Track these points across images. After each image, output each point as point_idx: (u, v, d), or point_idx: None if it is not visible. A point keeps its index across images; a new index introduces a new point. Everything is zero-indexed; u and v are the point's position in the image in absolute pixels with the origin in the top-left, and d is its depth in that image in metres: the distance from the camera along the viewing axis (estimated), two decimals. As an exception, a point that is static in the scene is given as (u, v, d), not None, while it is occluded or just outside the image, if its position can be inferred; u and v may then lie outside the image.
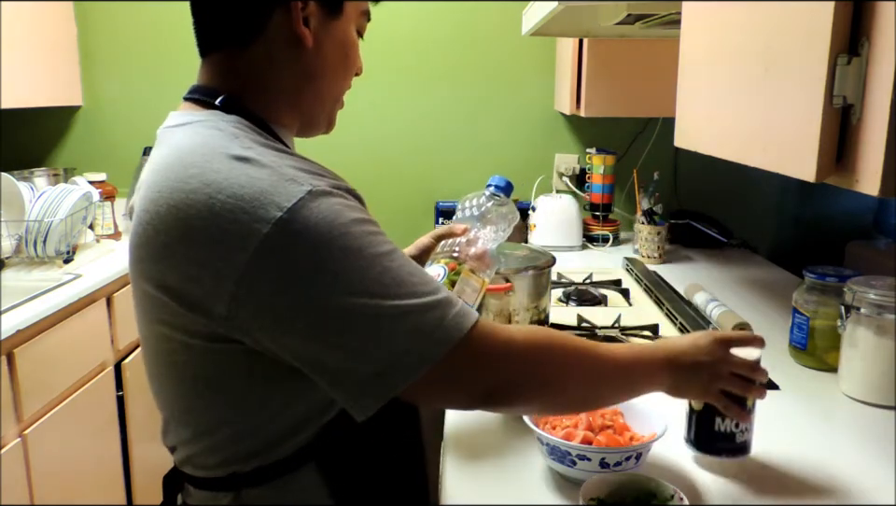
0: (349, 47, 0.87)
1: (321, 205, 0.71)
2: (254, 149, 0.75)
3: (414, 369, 0.71)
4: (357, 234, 0.72)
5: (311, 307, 0.70)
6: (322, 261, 0.70)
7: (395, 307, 0.71)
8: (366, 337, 0.71)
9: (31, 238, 1.96)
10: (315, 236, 0.69)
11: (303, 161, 0.79)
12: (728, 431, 0.93)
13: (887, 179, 0.61)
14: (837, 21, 0.66)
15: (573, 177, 2.50)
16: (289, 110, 0.87)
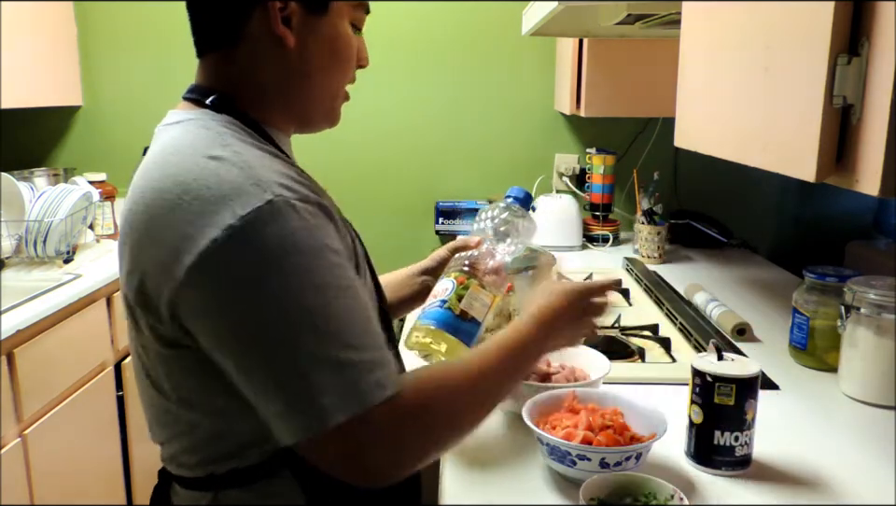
0: (339, 42, 0.85)
1: (278, 220, 0.69)
2: (232, 147, 0.75)
3: (306, 428, 0.68)
4: (306, 263, 0.69)
5: (237, 324, 0.69)
6: (259, 280, 0.68)
7: (313, 354, 0.68)
8: (275, 374, 0.69)
9: (31, 238, 1.96)
10: (261, 252, 0.68)
11: (284, 164, 0.78)
12: (728, 445, 0.93)
13: (887, 179, 0.61)
14: (837, 21, 0.66)
15: (573, 177, 2.50)
16: (281, 109, 0.86)
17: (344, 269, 0.73)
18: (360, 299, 0.74)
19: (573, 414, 0.99)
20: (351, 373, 0.69)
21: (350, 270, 0.75)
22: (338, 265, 0.73)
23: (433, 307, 0.99)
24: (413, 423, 0.74)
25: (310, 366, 0.68)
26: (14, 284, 1.86)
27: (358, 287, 0.75)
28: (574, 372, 1.15)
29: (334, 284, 0.71)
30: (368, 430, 0.70)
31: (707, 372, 0.94)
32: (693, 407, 0.96)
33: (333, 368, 0.68)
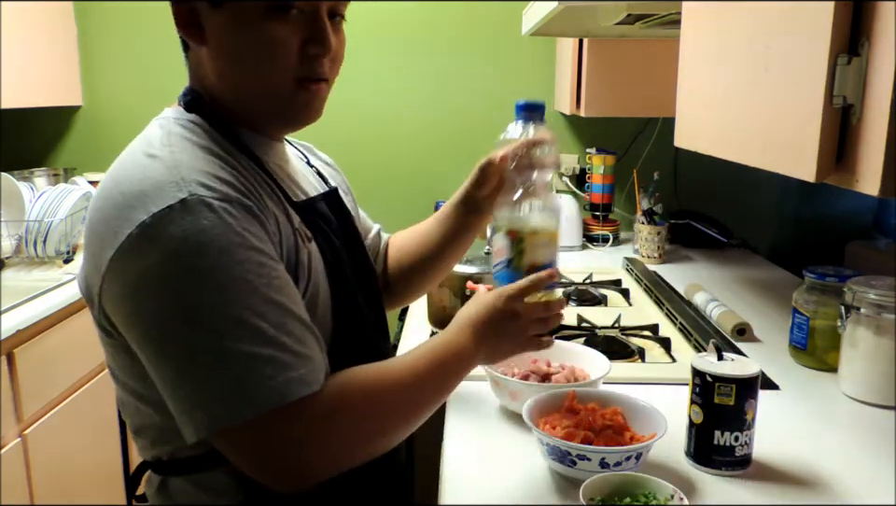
0: (250, 30, 0.78)
1: (187, 218, 0.69)
2: (173, 147, 0.76)
3: (217, 419, 0.69)
4: (214, 259, 0.69)
5: (144, 319, 0.71)
6: (165, 277, 0.69)
7: (214, 351, 0.68)
8: (175, 370, 0.70)
9: (31, 238, 1.96)
10: (167, 248, 0.69)
11: (225, 165, 0.77)
12: (728, 445, 0.94)
13: (887, 179, 0.61)
14: (837, 21, 0.66)
15: (573, 177, 2.50)
16: (235, 107, 0.84)
17: (263, 266, 0.73)
18: (281, 295, 0.73)
19: (573, 414, 0.99)
20: (256, 370, 0.69)
21: (277, 265, 0.75)
22: (255, 262, 0.72)
23: (500, 268, 0.98)
24: (329, 426, 0.73)
25: (208, 363, 0.69)
26: (14, 284, 1.86)
27: (288, 281, 0.75)
28: (574, 372, 1.15)
29: (247, 280, 0.71)
30: (276, 430, 0.70)
31: (707, 372, 0.94)
32: (692, 407, 0.96)
33: (234, 365, 0.69)
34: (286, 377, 0.70)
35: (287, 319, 0.73)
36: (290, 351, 0.71)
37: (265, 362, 0.70)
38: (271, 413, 0.69)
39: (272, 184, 0.84)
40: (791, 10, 0.75)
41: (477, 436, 1.06)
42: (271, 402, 0.69)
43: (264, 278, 0.72)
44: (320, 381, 0.73)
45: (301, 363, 0.72)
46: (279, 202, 0.83)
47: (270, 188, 0.83)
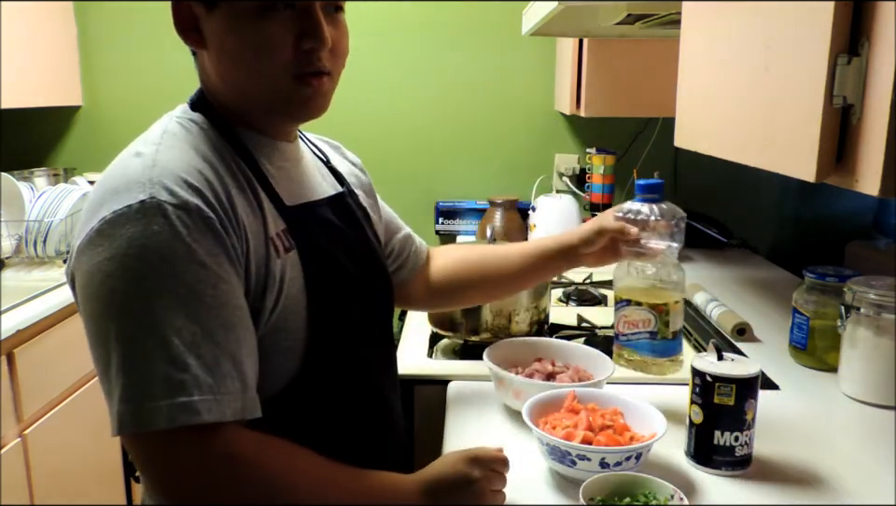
0: (242, 30, 0.79)
1: (140, 221, 0.71)
2: (159, 145, 0.78)
3: (116, 425, 0.71)
4: (151, 266, 0.71)
5: (86, 310, 0.74)
6: (107, 273, 0.71)
7: (132, 357, 0.70)
8: (102, 366, 0.73)
9: (31, 238, 1.96)
10: (116, 247, 0.71)
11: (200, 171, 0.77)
12: (728, 445, 0.94)
13: (887, 179, 0.61)
14: (837, 21, 0.66)
15: (573, 177, 2.50)
16: (238, 107, 0.85)
17: (199, 282, 0.72)
18: (214, 315, 0.72)
19: (573, 414, 0.99)
20: (150, 385, 0.69)
21: (221, 284, 0.73)
22: (193, 277, 0.72)
23: (642, 339, 1.06)
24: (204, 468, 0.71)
25: (122, 368, 0.70)
26: (14, 284, 1.86)
27: (224, 304, 0.73)
28: (578, 372, 1.15)
29: (177, 293, 0.71)
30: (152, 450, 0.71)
31: (707, 372, 0.94)
32: (692, 407, 0.96)
33: (135, 374, 0.70)
34: (173, 401, 0.69)
35: (202, 342, 0.71)
36: (191, 374, 0.70)
37: (160, 380, 0.69)
38: (151, 433, 0.69)
39: (257, 188, 0.83)
40: (791, 10, 0.75)
41: (477, 436, 1.06)
42: (151, 423, 0.69)
43: (195, 294, 0.72)
44: (216, 412, 0.71)
45: (197, 390, 0.70)
46: (257, 209, 0.81)
47: (254, 192, 0.82)
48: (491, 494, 0.85)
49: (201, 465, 0.71)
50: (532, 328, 1.37)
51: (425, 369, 1.30)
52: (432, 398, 1.26)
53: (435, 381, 1.27)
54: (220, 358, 0.72)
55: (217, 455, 0.71)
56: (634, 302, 1.06)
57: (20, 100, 2.22)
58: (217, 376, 0.71)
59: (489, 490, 0.84)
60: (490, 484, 0.84)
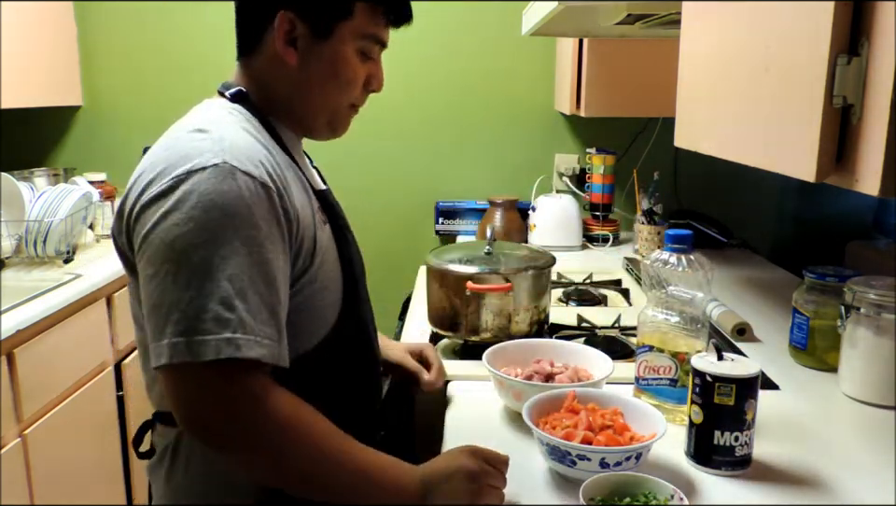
0: (339, 66, 0.95)
1: (213, 179, 0.80)
2: (219, 125, 0.87)
3: (156, 356, 0.78)
4: (218, 219, 0.79)
5: (149, 251, 0.80)
6: (175, 221, 0.79)
7: (191, 296, 0.77)
8: (153, 302, 0.79)
9: (31, 238, 1.96)
10: (187, 197, 0.79)
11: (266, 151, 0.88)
12: (728, 445, 0.94)
13: (887, 179, 0.61)
14: (837, 21, 0.66)
15: (573, 177, 2.50)
16: (286, 114, 0.98)
17: (253, 240, 0.81)
18: (259, 270, 0.81)
19: (573, 414, 0.99)
20: (208, 324, 0.77)
21: (268, 244, 0.82)
22: (247, 235, 0.80)
23: (663, 385, 1.08)
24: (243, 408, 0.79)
25: (177, 304, 0.77)
26: (14, 284, 1.86)
27: (268, 261, 0.82)
28: (577, 373, 1.15)
29: (233, 245, 0.79)
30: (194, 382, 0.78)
31: (707, 372, 0.94)
32: (692, 407, 0.96)
33: (194, 313, 0.77)
34: (221, 336, 0.77)
35: (247, 290, 0.79)
36: (237, 315, 0.78)
37: (211, 318, 0.77)
38: (196, 364, 0.77)
39: (298, 171, 0.95)
40: (790, 10, 0.75)
41: (477, 436, 1.06)
42: (200, 354, 0.76)
43: (245, 249, 0.80)
44: (256, 350, 0.78)
45: (240, 328, 0.78)
46: (303, 188, 0.94)
47: (295, 173, 0.94)
48: (488, 489, 0.86)
49: (232, 398, 0.78)
50: (532, 328, 1.37)
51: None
52: (432, 398, 1.25)
53: (435, 381, 1.26)
54: (262, 306, 0.81)
55: (249, 392, 0.79)
56: (656, 348, 1.08)
57: (20, 100, 2.22)
58: (258, 322, 0.80)
59: (486, 484, 0.86)
60: (487, 477, 0.86)
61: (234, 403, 0.79)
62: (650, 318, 1.10)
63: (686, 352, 1.05)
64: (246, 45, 0.97)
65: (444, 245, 1.50)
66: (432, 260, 1.39)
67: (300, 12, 0.91)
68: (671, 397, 1.07)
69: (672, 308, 1.08)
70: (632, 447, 0.90)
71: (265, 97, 0.97)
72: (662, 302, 1.09)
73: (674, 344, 1.07)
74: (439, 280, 1.37)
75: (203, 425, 0.80)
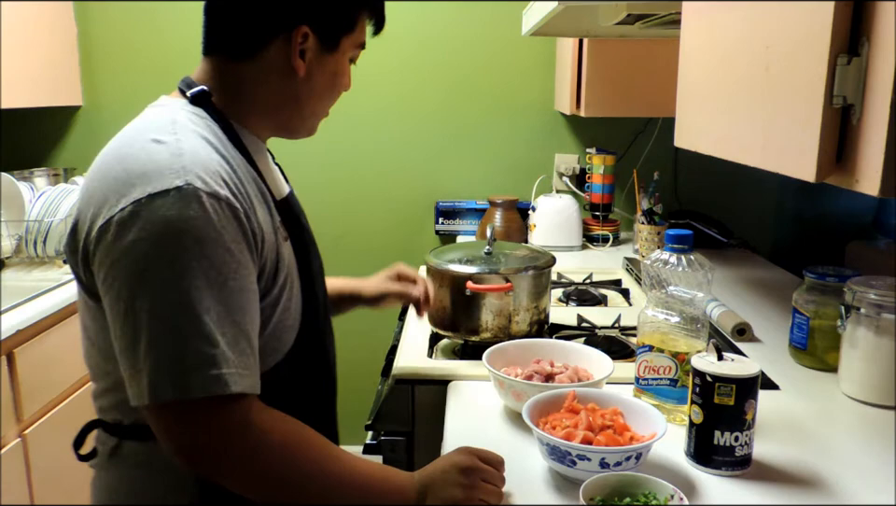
0: (340, 76, 0.96)
1: (178, 205, 0.76)
2: (179, 135, 0.82)
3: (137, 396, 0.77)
4: (189, 247, 0.76)
5: (117, 287, 0.77)
6: (143, 253, 0.76)
7: (162, 332, 0.75)
8: (128, 340, 0.77)
9: (31, 238, 1.96)
10: (154, 228, 0.76)
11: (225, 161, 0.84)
12: (728, 445, 0.94)
13: (887, 179, 0.61)
14: (837, 21, 0.66)
15: (573, 177, 2.50)
16: (264, 121, 0.95)
17: (226, 265, 0.78)
18: (234, 298, 0.79)
19: (573, 414, 0.99)
20: (192, 361, 0.75)
21: (241, 270, 0.80)
22: (221, 261, 0.78)
23: (662, 385, 1.08)
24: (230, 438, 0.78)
25: (156, 342, 0.75)
26: (14, 284, 1.86)
27: (242, 288, 0.80)
28: (577, 372, 1.15)
29: (207, 275, 0.77)
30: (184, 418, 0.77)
31: (707, 372, 0.94)
32: (692, 407, 0.96)
33: (168, 347, 0.75)
34: (207, 372, 0.76)
35: (226, 321, 0.78)
36: (220, 350, 0.77)
37: (193, 353, 0.75)
38: (183, 402, 0.76)
39: (259, 182, 0.90)
40: (791, 10, 0.75)
41: (477, 436, 1.06)
42: (187, 391, 0.75)
43: (222, 277, 0.78)
44: (241, 384, 0.78)
45: (224, 364, 0.77)
46: (264, 201, 0.89)
47: (258, 186, 0.89)
48: (482, 484, 0.87)
49: (225, 431, 0.78)
50: (532, 328, 1.37)
51: (425, 369, 1.30)
52: (432, 398, 1.26)
53: (435, 381, 1.27)
54: (239, 337, 0.79)
55: (239, 422, 0.79)
56: (656, 348, 1.08)
57: (20, 100, 2.22)
58: (238, 353, 0.79)
59: (480, 479, 0.87)
60: (482, 473, 0.87)
61: (228, 435, 0.78)
62: (650, 318, 1.09)
63: (686, 352, 1.05)
64: (241, 50, 0.91)
65: (444, 245, 1.50)
66: (432, 259, 1.39)
67: (313, 26, 0.90)
68: (671, 397, 1.07)
69: (672, 308, 1.08)
70: (632, 447, 0.90)
71: (239, 102, 0.92)
72: (662, 302, 1.09)
73: (674, 344, 1.07)
74: (439, 280, 1.37)
75: (198, 460, 0.80)
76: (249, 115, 0.93)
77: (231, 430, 0.78)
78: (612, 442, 0.92)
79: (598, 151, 2.35)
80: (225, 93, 0.91)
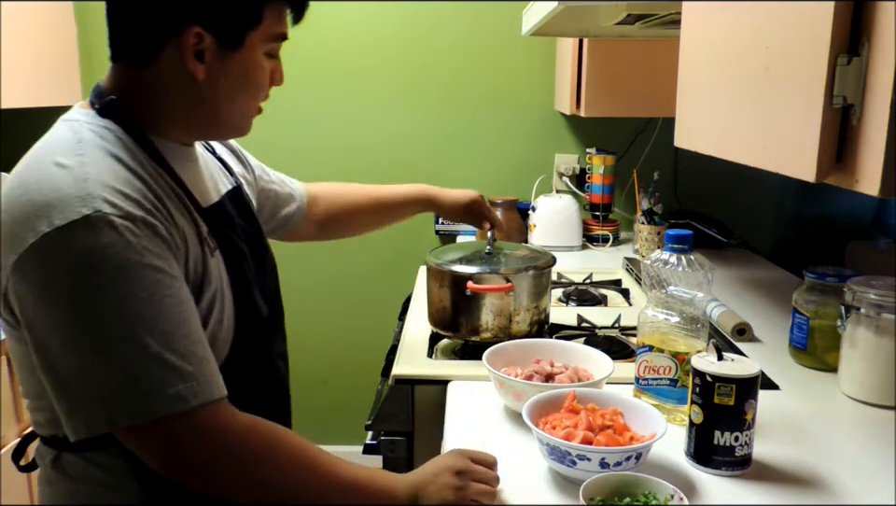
0: (252, 73, 0.89)
1: (89, 235, 0.73)
2: (83, 157, 0.79)
3: (95, 423, 0.75)
4: (111, 276, 0.74)
5: (43, 325, 0.75)
6: (64, 289, 0.73)
7: (107, 362, 0.74)
8: (72, 371, 0.75)
9: (31, 238, 1.96)
10: (65, 262, 0.73)
11: (136, 177, 0.81)
12: (728, 445, 0.94)
13: (887, 179, 0.61)
14: (837, 21, 0.66)
15: (573, 177, 2.50)
16: (179, 126, 0.90)
17: (159, 284, 0.77)
18: (175, 313, 0.77)
19: (573, 414, 0.99)
20: (132, 384, 0.74)
21: (174, 283, 0.79)
22: (151, 280, 0.76)
23: (662, 385, 1.08)
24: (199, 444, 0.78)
25: (92, 372, 0.74)
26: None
27: (181, 300, 0.79)
28: (577, 372, 1.15)
29: (139, 297, 0.75)
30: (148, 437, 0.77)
31: (707, 372, 0.94)
32: (692, 407, 0.96)
33: (114, 377, 0.74)
34: (162, 393, 0.75)
35: (173, 337, 0.77)
36: (171, 368, 0.76)
37: (145, 377, 0.74)
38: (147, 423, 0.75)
39: (180, 193, 0.88)
40: (791, 10, 0.75)
41: (477, 436, 1.06)
42: (141, 414, 0.74)
43: (157, 296, 0.76)
44: (202, 394, 0.77)
45: (180, 380, 0.76)
46: (187, 212, 0.87)
47: (178, 197, 0.87)
48: (475, 485, 0.87)
49: (197, 440, 0.78)
50: (532, 328, 1.37)
51: (425, 369, 1.30)
52: (432, 398, 1.26)
53: (435, 381, 1.27)
54: (193, 347, 0.78)
55: (209, 429, 0.78)
56: (656, 348, 1.08)
57: (20, 100, 2.22)
58: (195, 363, 0.78)
59: (473, 480, 0.87)
60: (474, 474, 0.87)
61: (200, 444, 0.78)
62: (650, 318, 1.09)
63: (686, 352, 1.05)
64: (137, 56, 0.87)
65: (444, 245, 1.50)
66: (432, 259, 1.39)
67: (207, 26, 0.84)
68: (671, 397, 1.07)
69: (672, 308, 1.08)
70: (632, 447, 0.90)
71: (151, 110, 0.88)
72: (662, 302, 1.09)
73: (674, 344, 1.07)
74: (439, 280, 1.37)
75: (180, 472, 0.80)
76: (160, 122, 0.89)
77: (203, 439, 0.78)
78: (612, 443, 0.92)
79: (598, 151, 2.35)
80: (133, 101, 0.88)
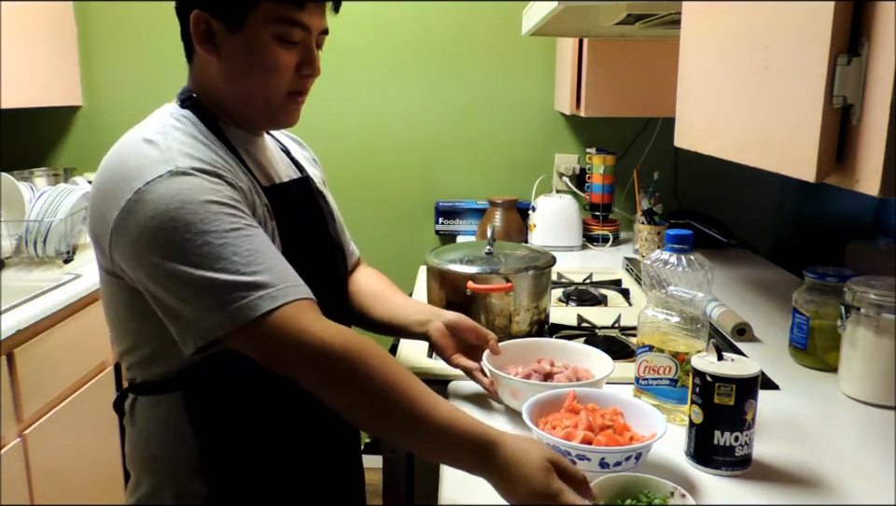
0: (256, 54, 0.96)
1: (174, 183, 0.88)
2: (167, 134, 0.94)
3: (209, 332, 0.86)
4: (193, 210, 0.87)
5: (147, 262, 0.88)
6: (158, 227, 0.86)
7: (205, 278, 0.85)
8: (179, 297, 0.87)
9: (31, 238, 1.96)
10: (159, 205, 0.87)
11: (210, 150, 0.95)
12: (728, 445, 0.94)
13: (887, 179, 0.61)
14: (837, 21, 0.66)
15: (573, 177, 2.50)
16: (227, 109, 1.02)
17: (235, 214, 0.89)
18: (254, 239, 0.89)
19: (573, 414, 0.99)
20: (241, 291, 0.85)
21: (244, 216, 0.91)
22: (228, 212, 0.89)
23: (662, 385, 1.08)
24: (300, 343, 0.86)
25: (207, 287, 0.85)
26: (14, 284, 1.86)
27: (257, 232, 0.91)
28: (577, 372, 1.15)
29: (220, 227, 0.87)
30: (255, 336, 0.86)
31: (707, 372, 0.94)
32: (692, 407, 0.96)
33: (226, 287, 0.85)
34: (257, 296, 0.86)
35: (255, 254, 0.88)
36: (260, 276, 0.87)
37: (237, 287, 0.85)
38: (249, 325, 0.85)
39: (244, 168, 1.00)
40: (790, 10, 0.75)
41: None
42: (240, 318, 0.85)
43: (237, 224, 0.89)
44: (286, 295, 0.87)
45: (266, 284, 0.86)
46: (250, 184, 0.99)
47: (242, 171, 0.99)
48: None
49: (288, 337, 0.86)
50: (532, 328, 1.37)
51: (425, 369, 1.30)
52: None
53: (435, 381, 1.26)
54: (275, 260, 0.90)
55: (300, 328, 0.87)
56: (656, 348, 1.08)
57: (20, 100, 2.22)
58: (279, 273, 0.89)
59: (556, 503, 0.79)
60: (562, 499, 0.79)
61: (293, 340, 0.86)
62: (650, 318, 1.09)
63: (686, 352, 1.05)
64: (186, 51, 1.02)
65: (444, 245, 1.50)
66: (432, 259, 1.39)
67: (210, 9, 0.95)
68: (671, 397, 1.07)
69: (672, 308, 1.08)
70: (632, 447, 0.90)
71: (208, 99, 1.01)
72: (662, 302, 1.09)
73: (674, 344, 1.07)
74: (439, 280, 1.37)
75: (278, 368, 0.88)
76: (220, 110, 1.01)
77: (294, 335, 0.86)
78: (612, 442, 0.92)
79: (598, 151, 2.35)
80: (200, 94, 1.02)
